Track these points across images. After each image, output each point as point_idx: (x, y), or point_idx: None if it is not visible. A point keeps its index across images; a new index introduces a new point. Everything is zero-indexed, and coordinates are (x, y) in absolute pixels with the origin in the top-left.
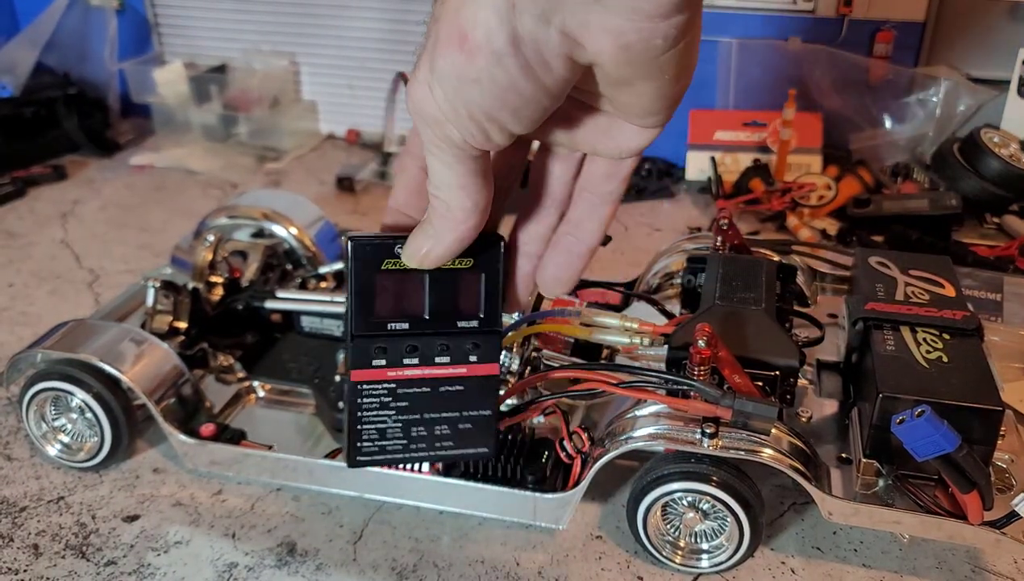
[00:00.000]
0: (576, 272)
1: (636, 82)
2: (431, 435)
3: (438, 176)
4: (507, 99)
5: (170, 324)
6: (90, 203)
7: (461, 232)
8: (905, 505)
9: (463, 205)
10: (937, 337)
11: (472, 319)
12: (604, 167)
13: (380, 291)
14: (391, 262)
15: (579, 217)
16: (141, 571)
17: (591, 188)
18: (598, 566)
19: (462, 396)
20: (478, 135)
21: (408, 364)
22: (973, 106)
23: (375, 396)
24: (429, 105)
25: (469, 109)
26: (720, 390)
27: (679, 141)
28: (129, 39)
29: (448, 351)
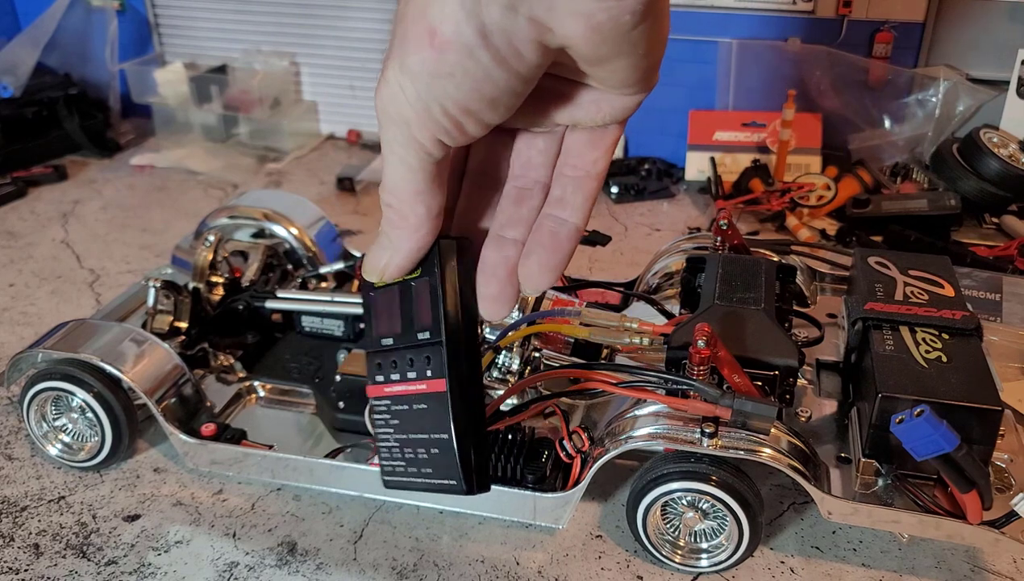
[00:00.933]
0: (563, 258)
1: (611, 59)
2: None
3: (394, 182)
4: (482, 90)
5: (171, 324)
6: (91, 203)
7: (416, 241)
8: (904, 505)
9: (417, 211)
10: (936, 337)
11: (426, 330)
12: (586, 137)
13: (376, 308)
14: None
15: (562, 194)
16: (142, 570)
17: (574, 161)
18: (598, 565)
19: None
20: (453, 130)
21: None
22: (972, 106)
23: (381, 414)
24: (400, 104)
25: (443, 105)
26: (719, 390)
27: (679, 141)
28: (130, 40)
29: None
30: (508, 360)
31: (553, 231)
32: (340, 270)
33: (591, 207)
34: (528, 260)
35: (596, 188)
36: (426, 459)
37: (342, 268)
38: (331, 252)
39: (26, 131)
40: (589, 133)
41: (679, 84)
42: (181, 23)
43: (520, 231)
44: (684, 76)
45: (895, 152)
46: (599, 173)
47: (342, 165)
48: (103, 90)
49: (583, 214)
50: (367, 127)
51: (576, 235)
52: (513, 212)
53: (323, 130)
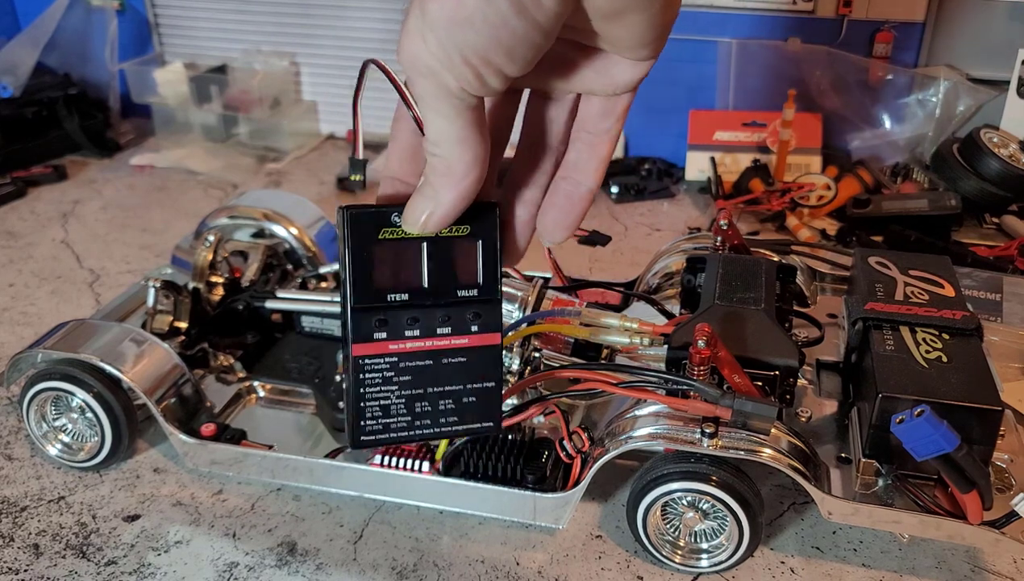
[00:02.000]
0: (577, 217)
1: (626, 14)
2: (435, 411)
3: (436, 131)
4: (500, 38)
5: (171, 324)
6: (91, 203)
7: (462, 189)
8: (904, 505)
9: (463, 159)
10: (936, 337)
11: (472, 288)
12: (600, 105)
13: (378, 262)
14: (389, 232)
15: (577, 158)
16: (142, 571)
17: (588, 127)
18: (598, 565)
19: (465, 368)
20: (474, 80)
21: (410, 336)
22: (972, 106)
23: (377, 371)
24: (423, 54)
25: (463, 53)
26: (720, 390)
27: (679, 141)
28: (130, 40)
29: (449, 322)
30: (508, 360)
31: (568, 193)
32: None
33: (604, 170)
34: (545, 217)
35: (609, 152)
36: (452, 408)
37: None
38: (331, 252)
39: (26, 131)
40: (602, 101)
41: (679, 84)
42: (181, 23)
43: (534, 191)
44: (684, 76)
45: (895, 152)
46: (612, 138)
47: (342, 165)
48: (103, 90)
49: (597, 177)
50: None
51: (589, 197)
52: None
53: (323, 130)
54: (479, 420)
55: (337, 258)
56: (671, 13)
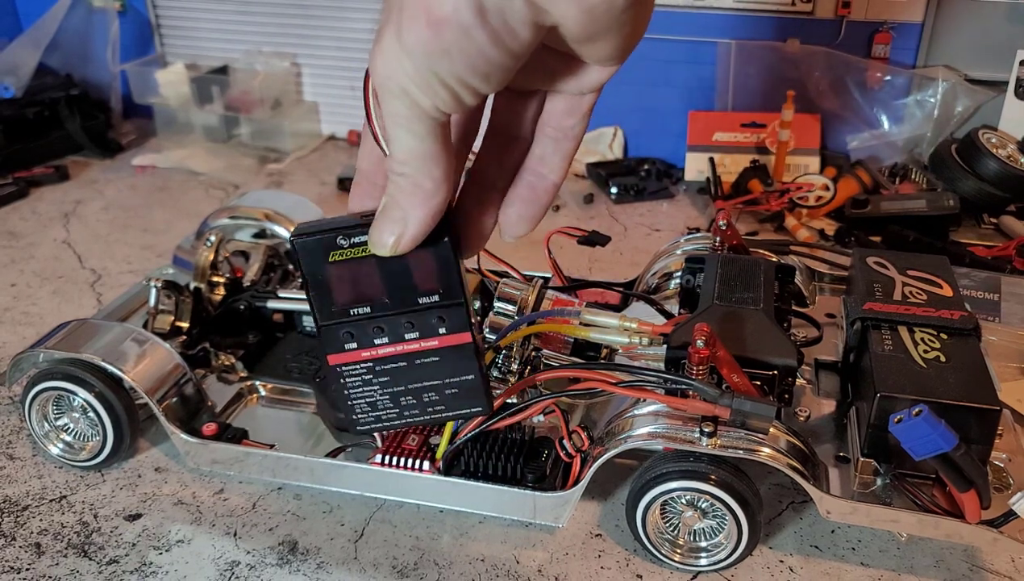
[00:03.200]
0: (540, 210)
1: (599, 38)
2: (421, 402)
3: (405, 149)
4: (476, 66)
5: (172, 324)
6: (92, 204)
7: (432, 207)
8: (903, 504)
9: (433, 176)
10: (935, 337)
11: (433, 294)
12: (565, 103)
13: (335, 281)
14: (337, 254)
15: (542, 153)
16: (143, 570)
17: (553, 124)
18: (597, 564)
19: (441, 366)
20: (450, 100)
21: (379, 343)
22: (971, 107)
23: (356, 375)
24: (398, 75)
25: (440, 77)
26: (719, 389)
27: (678, 142)
28: (131, 40)
29: (415, 327)
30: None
31: (532, 185)
32: None
33: (568, 166)
34: (508, 209)
35: (573, 149)
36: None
37: None
38: None
39: (28, 131)
40: (568, 99)
41: (678, 85)
42: (182, 24)
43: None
44: (683, 77)
45: (894, 153)
46: (576, 136)
47: (343, 166)
48: (104, 91)
49: (561, 172)
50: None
51: (553, 190)
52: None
53: (324, 131)
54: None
55: None
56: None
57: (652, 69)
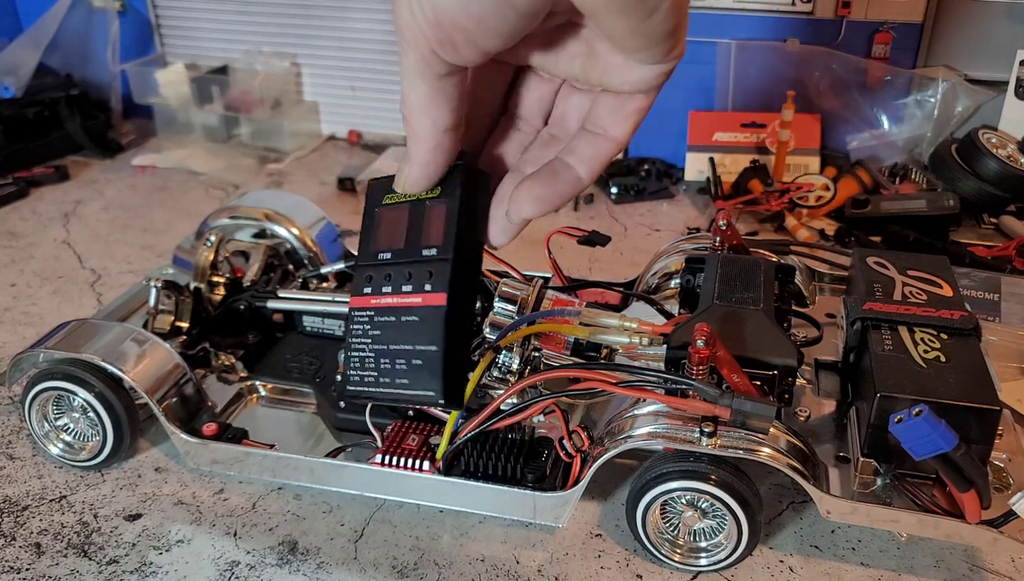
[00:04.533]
0: (558, 197)
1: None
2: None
3: (405, 94)
4: (471, 7)
5: (172, 324)
6: (92, 204)
7: (424, 153)
8: (903, 504)
9: (425, 126)
10: (935, 337)
11: (433, 247)
12: (611, 102)
13: (377, 224)
14: (389, 197)
15: (576, 145)
16: (143, 570)
17: (596, 122)
18: (597, 564)
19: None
20: (445, 44)
21: (385, 292)
22: (971, 107)
23: (360, 323)
24: (404, 12)
25: (436, 13)
26: (719, 389)
27: (678, 142)
28: (131, 40)
29: (411, 279)
30: (508, 360)
31: (554, 170)
32: (341, 270)
33: (600, 168)
34: (521, 186)
35: (610, 151)
36: (404, 370)
37: (343, 268)
38: (332, 252)
39: (28, 131)
40: (615, 98)
41: (678, 85)
42: (182, 24)
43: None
44: (683, 77)
45: (894, 153)
46: (616, 138)
47: (343, 165)
48: (104, 91)
49: (589, 169)
50: (368, 128)
51: (576, 184)
52: (539, 154)
53: (324, 131)
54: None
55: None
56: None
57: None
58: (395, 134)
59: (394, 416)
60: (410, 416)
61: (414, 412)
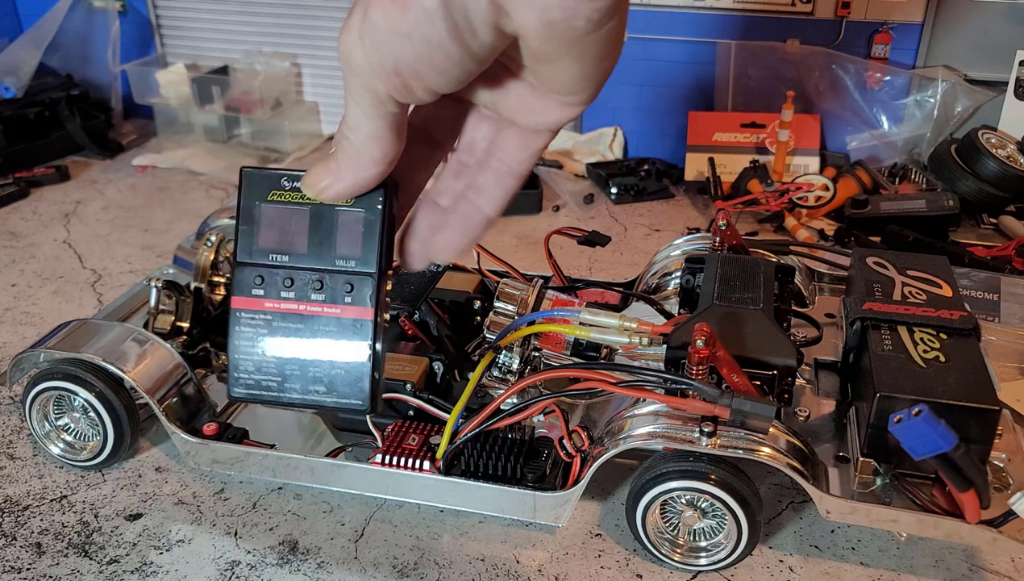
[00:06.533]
0: (469, 240)
1: (558, 59)
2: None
3: (353, 120)
4: (433, 58)
5: (173, 324)
6: (93, 204)
7: (362, 177)
8: (903, 504)
9: (372, 154)
10: (934, 337)
11: (350, 260)
12: (519, 138)
13: (264, 221)
14: (277, 194)
15: (484, 183)
16: (143, 569)
17: (501, 157)
18: (597, 564)
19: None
20: (401, 89)
21: (285, 297)
22: (970, 107)
23: (252, 326)
24: (356, 54)
25: (396, 63)
26: (718, 389)
27: (678, 142)
28: (131, 41)
29: (323, 289)
30: (508, 360)
31: (467, 215)
32: None
33: (505, 202)
34: (439, 234)
35: (514, 187)
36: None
37: None
38: None
39: (28, 132)
40: (521, 134)
41: (678, 85)
42: (183, 24)
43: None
44: (683, 77)
45: (893, 153)
46: (520, 174)
47: None
48: (105, 91)
49: (496, 207)
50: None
51: (486, 224)
52: (451, 184)
53: (324, 131)
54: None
55: None
56: (605, 67)
57: (652, 69)
58: None
59: (394, 416)
60: (410, 416)
61: (414, 412)
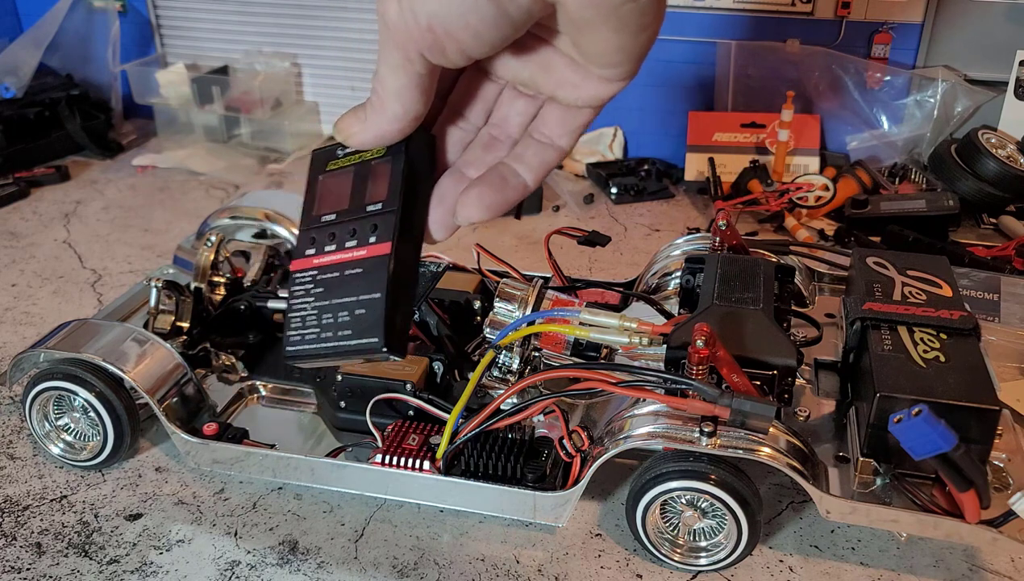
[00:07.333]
0: (506, 203)
1: (596, 28)
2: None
3: (382, 75)
4: (468, 19)
5: (173, 324)
6: (93, 204)
7: (384, 130)
8: (903, 504)
9: (395, 110)
10: (934, 337)
11: (377, 203)
12: (560, 114)
13: (320, 189)
14: (332, 163)
15: (523, 153)
16: (143, 569)
17: (543, 131)
18: (597, 564)
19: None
20: (433, 48)
21: (328, 250)
22: (970, 107)
23: (302, 284)
24: (392, 10)
25: (430, 21)
26: (718, 389)
27: (678, 142)
28: (131, 41)
29: (355, 234)
30: (508, 360)
31: (503, 177)
32: None
33: (545, 175)
34: (471, 191)
35: (555, 160)
36: (347, 321)
37: None
38: None
39: (28, 132)
40: (564, 110)
41: (678, 85)
42: (183, 24)
43: (480, 173)
44: (683, 77)
45: (893, 153)
46: (562, 148)
47: None
48: (105, 91)
49: (535, 176)
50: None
51: (523, 190)
52: (480, 155)
53: (324, 131)
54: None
55: None
56: (644, 39)
57: (652, 69)
58: None
59: (394, 416)
60: (410, 416)
61: (414, 412)
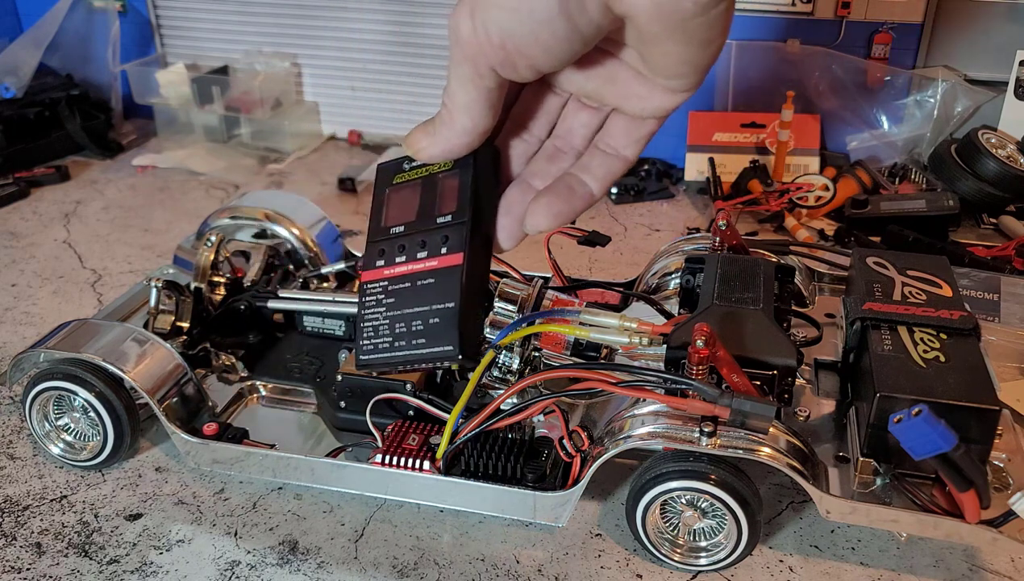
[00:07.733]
0: (574, 212)
1: (664, 42)
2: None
3: (452, 89)
4: (540, 34)
5: (173, 324)
6: (93, 204)
7: (453, 144)
8: (903, 504)
9: (464, 124)
10: (934, 337)
11: (447, 215)
12: (626, 124)
13: (388, 202)
14: (400, 177)
15: (590, 163)
16: (143, 569)
17: (609, 142)
18: (597, 564)
19: (432, 289)
20: (505, 64)
21: (399, 262)
22: (970, 107)
23: (373, 294)
24: (465, 26)
25: (502, 37)
26: (718, 389)
27: (678, 142)
28: (131, 41)
29: (425, 246)
30: (508, 360)
31: (571, 187)
32: (341, 270)
33: (610, 184)
34: (539, 200)
35: (621, 170)
36: (421, 330)
37: (343, 268)
38: (332, 252)
39: (28, 132)
40: (629, 121)
41: None
42: (183, 24)
43: (546, 183)
44: None
45: (893, 153)
46: (627, 158)
47: (343, 166)
48: (105, 91)
49: (602, 186)
50: (368, 128)
51: (589, 199)
52: (545, 167)
53: (324, 131)
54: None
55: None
56: (711, 52)
57: None
58: (395, 134)
59: (394, 416)
60: (410, 416)
61: (414, 412)
